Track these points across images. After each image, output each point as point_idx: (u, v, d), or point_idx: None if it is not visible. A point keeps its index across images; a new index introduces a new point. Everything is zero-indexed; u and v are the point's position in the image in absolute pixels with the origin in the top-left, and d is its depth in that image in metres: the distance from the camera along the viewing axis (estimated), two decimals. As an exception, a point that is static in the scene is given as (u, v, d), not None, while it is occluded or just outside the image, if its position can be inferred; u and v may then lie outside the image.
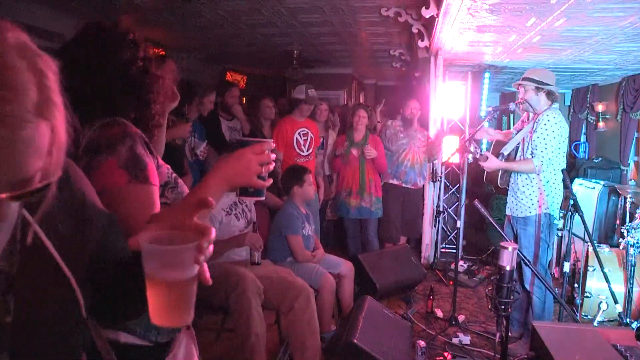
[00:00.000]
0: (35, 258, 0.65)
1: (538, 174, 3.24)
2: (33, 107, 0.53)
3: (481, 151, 3.36)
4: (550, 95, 3.28)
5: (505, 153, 3.44)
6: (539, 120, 3.23)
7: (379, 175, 4.72)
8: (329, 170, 5.10)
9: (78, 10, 4.41)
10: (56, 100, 0.57)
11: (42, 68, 0.56)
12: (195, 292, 0.72)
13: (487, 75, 5.75)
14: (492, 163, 3.33)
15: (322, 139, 4.90)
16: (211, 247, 0.70)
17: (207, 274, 0.71)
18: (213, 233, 0.71)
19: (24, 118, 0.52)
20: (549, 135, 3.16)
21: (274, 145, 1.07)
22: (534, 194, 3.28)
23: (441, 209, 5.32)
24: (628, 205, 4.23)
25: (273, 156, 1.06)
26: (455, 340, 3.43)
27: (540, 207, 3.26)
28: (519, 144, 3.44)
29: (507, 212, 3.49)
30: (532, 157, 3.22)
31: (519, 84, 3.38)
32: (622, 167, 6.14)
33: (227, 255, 2.97)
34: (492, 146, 3.73)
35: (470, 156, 3.63)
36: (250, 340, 2.54)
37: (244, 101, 7.52)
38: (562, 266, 3.13)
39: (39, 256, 0.66)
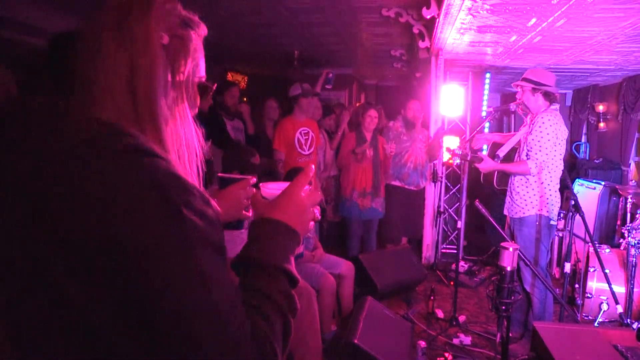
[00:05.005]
0: None
1: (533, 176, 3.23)
2: None
3: (473, 153, 3.35)
4: (547, 96, 3.26)
5: (501, 155, 3.43)
6: (534, 121, 3.22)
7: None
8: (335, 170, 5.07)
9: (78, 10, 4.41)
10: None
11: None
12: None
13: (487, 75, 5.76)
14: (487, 165, 3.32)
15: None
16: None
17: None
18: None
19: None
20: (544, 137, 3.14)
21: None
22: (528, 195, 3.27)
23: (442, 209, 5.32)
24: (629, 205, 4.24)
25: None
26: (456, 341, 3.43)
27: (534, 208, 3.25)
28: (516, 146, 3.43)
29: (505, 212, 3.49)
30: (527, 159, 3.22)
31: (517, 84, 3.38)
32: (623, 168, 6.14)
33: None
34: (489, 147, 3.73)
35: (457, 160, 3.62)
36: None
37: (245, 101, 7.52)
38: (563, 267, 3.13)
39: None
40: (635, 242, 3.32)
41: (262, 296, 0.70)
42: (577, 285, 3.93)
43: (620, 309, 3.16)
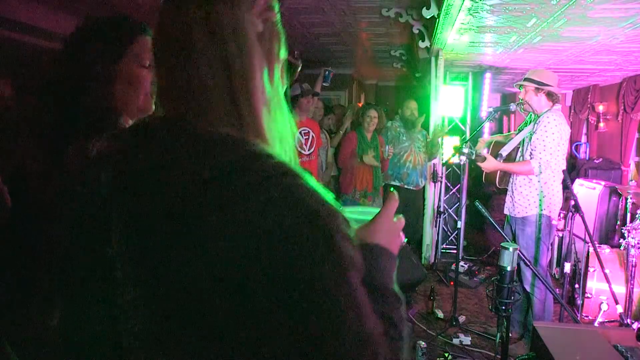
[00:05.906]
0: None
1: (536, 176, 3.23)
2: None
3: (476, 152, 3.34)
4: (550, 96, 3.27)
5: (504, 154, 3.43)
6: (538, 121, 3.23)
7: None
8: (335, 170, 5.06)
9: (78, 10, 4.41)
10: None
11: None
12: None
13: (487, 75, 5.76)
14: (490, 164, 3.32)
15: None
16: None
17: None
18: None
19: None
20: (548, 137, 3.14)
21: None
22: (531, 194, 3.27)
23: (442, 209, 5.32)
24: (629, 205, 4.23)
25: None
26: (455, 341, 3.43)
27: (537, 207, 3.25)
28: (519, 145, 3.43)
29: (505, 211, 3.49)
30: (531, 158, 3.22)
31: (520, 84, 3.38)
32: (623, 168, 6.14)
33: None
34: (491, 146, 3.73)
35: (464, 158, 3.62)
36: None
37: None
38: (563, 267, 3.13)
39: None
40: (635, 242, 3.32)
41: (387, 322, 0.68)
42: (577, 285, 3.93)
43: (620, 309, 3.16)
